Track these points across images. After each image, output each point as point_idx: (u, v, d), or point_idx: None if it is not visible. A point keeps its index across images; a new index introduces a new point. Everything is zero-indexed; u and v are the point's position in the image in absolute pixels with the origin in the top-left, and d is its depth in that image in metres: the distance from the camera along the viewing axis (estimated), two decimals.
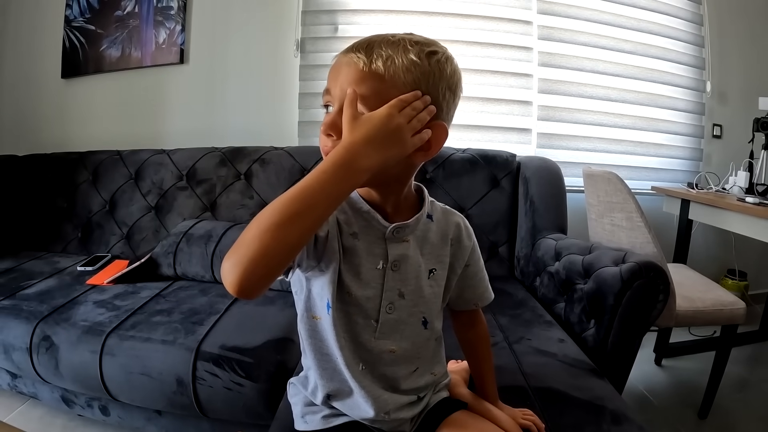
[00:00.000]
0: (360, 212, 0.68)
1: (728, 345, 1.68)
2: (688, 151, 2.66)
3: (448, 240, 0.76)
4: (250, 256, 0.48)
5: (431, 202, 0.75)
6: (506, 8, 2.42)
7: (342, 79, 0.61)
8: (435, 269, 0.74)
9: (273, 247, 0.49)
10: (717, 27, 2.62)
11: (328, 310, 0.66)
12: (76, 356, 1.28)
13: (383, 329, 0.70)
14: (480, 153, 1.98)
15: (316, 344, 0.71)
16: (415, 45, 0.60)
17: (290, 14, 2.37)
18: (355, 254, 0.67)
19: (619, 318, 1.19)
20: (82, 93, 2.53)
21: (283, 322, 1.34)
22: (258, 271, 0.49)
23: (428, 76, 0.60)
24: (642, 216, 1.52)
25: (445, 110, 0.64)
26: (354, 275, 0.67)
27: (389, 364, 0.72)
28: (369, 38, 0.62)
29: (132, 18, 2.43)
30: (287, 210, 0.50)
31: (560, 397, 0.96)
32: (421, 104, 0.59)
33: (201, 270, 1.68)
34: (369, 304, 0.68)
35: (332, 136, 0.61)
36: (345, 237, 0.67)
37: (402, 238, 0.69)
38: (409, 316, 0.72)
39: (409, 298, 0.71)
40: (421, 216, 0.71)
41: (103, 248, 2.07)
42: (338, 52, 0.64)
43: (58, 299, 1.50)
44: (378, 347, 0.70)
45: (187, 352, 1.21)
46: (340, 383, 0.72)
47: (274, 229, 0.49)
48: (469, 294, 0.81)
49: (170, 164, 2.12)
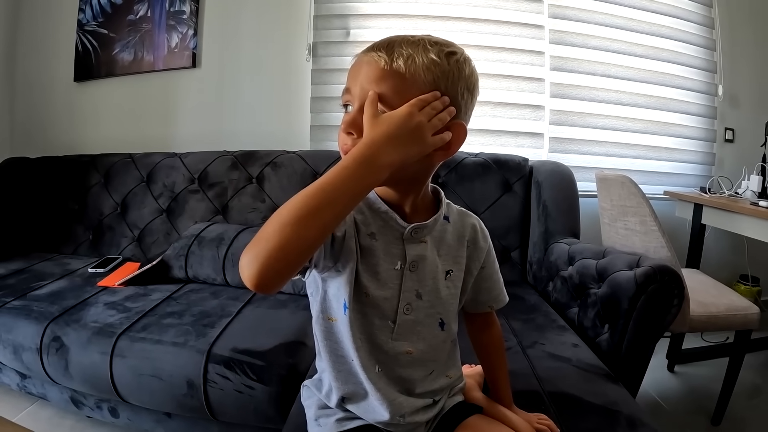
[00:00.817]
0: (378, 212, 0.68)
1: (742, 351, 1.66)
2: (701, 155, 2.64)
3: (465, 242, 0.76)
4: (269, 251, 0.48)
5: (447, 203, 0.75)
6: (518, 12, 2.42)
7: (362, 77, 0.61)
8: (452, 270, 0.74)
9: (292, 242, 0.49)
10: (728, 30, 2.61)
11: (344, 311, 0.66)
12: (87, 357, 1.29)
13: (400, 330, 0.69)
14: (492, 157, 1.98)
15: (331, 346, 0.70)
16: (435, 45, 0.61)
17: (302, 18, 2.39)
18: (373, 254, 0.67)
19: (633, 322, 1.17)
20: (95, 96, 2.55)
21: (294, 325, 1.34)
22: (276, 266, 0.49)
23: (448, 75, 0.61)
24: (656, 220, 1.51)
25: (464, 110, 0.65)
26: (372, 275, 0.67)
27: (405, 365, 0.71)
28: (389, 38, 0.63)
29: (144, 22, 2.45)
30: (307, 205, 0.50)
31: (575, 401, 0.95)
32: (440, 104, 0.59)
33: (212, 273, 1.68)
34: (386, 305, 0.68)
35: (352, 134, 0.61)
36: (362, 237, 0.66)
37: (420, 239, 0.69)
38: (426, 317, 0.71)
39: (427, 299, 0.71)
40: (438, 217, 0.71)
41: (114, 250, 2.08)
42: (356, 53, 0.65)
43: (68, 300, 1.51)
44: (395, 348, 0.70)
45: (198, 354, 1.21)
46: (355, 386, 0.71)
47: (294, 223, 0.49)
48: (484, 296, 0.81)
49: (182, 167, 2.14)
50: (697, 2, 2.61)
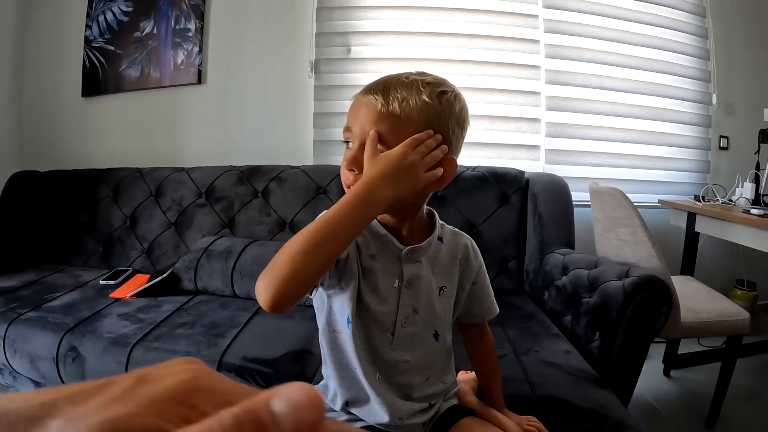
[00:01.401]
0: (378, 236, 0.75)
1: (734, 355, 1.71)
2: (695, 163, 2.69)
3: (457, 260, 0.82)
4: (282, 278, 0.56)
5: (441, 225, 0.81)
6: (513, 28, 2.49)
7: (362, 118, 0.68)
8: (445, 287, 0.80)
9: (302, 270, 0.57)
10: (722, 40, 2.66)
11: (348, 325, 0.73)
12: (103, 366, 1.34)
13: (398, 341, 0.76)
14: (490, 171, 2.04)
15: (336, 356, 0.77)
16: (427, 86, 0.68)
17: (304, 36, 2.46)
18: (374, 273, 0.74)
19: (622, 330, 1.23)
20: (102, 111, 2.62)
21: (301, 334, 1.40)
22: (288, 290, 0.57)
23: (439, 114, 0.68)
24: (646, 231, 1.56)
25: (455, 144, 0.71)
26: (372, 292, 0.74)
27: (403, 373, 0.78)
28: (385, 80, 0.69)
29: (151, 39, 2.52)
30: (314, 238, 0.58)
31: (565, 405, 1.01)
32: (433, 142, 0.66)
33: (221, 285, 1.74)
34: (386, 319, 0.75)
35: (354, 171, 0.68)
36: (364, 258, 0.73)
37: (416, 259, 0.76)
38: (422, 330, 0.78)
39: (422, 313, 0.77)
40: (432, 239, 0.77)
41: (124, 263, 2.14)
42: (355, 94, 0.71)
43: (83, 311, 1.56)
44: (393, 358, 0.76)
45: (211, 363, 1.25)
46: (357, 391, 0.78)
47: (302, 254, 0.57)
48: (477, 309, 0.87)
49: (189, 182, 2.20)
50: (690, 13, 2.67)
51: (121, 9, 2.54)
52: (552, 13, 2.51)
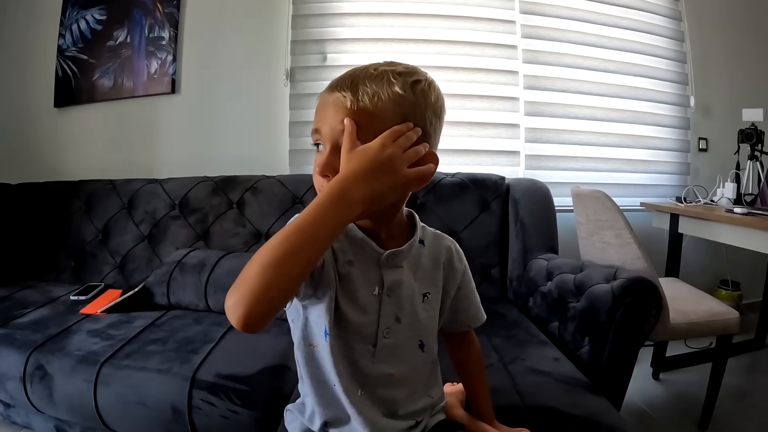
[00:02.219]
0: (354, 240, 0.68)
1: (724, 355, 1.69)
2: (676, 165, 2.71)
3: (440, 264, 0.77)
4: (253, 293, 0.49)
5: (422, 227, 0.76)
6: (491, 33, 2.49)
7: (330, 118, 0.61)
8: (429, 293, 0.75)
9: (275, 283, 0.50)
10: (698, 42, 2.70)
11: (325, 337, 0.66)
12: (71, 385, 1.27)
13: (380, 354, 0.70)
14: (469, 177, 2.00)
15: (313, 372, 0.71)
16: (399, 77, 0.62)
17: (280, 44, 2.42)
18: (351, 281, 0.67)
19: (612, 334, 1.20)
20: (75, 122, 2.54)
21: (278, 349, 1.34)
22: (261, 308, 0.50)
23: (415, 106, 0.62)
24: (631, 232, 1.53)
25: (433, 136, 0.66)
26: (350, 301, 0.67)
27: (387, 387, 0.72)
28: (351, 74, 0.63)
29: (124, 48, 2.46)
30: (286, 245, 0.51)
31: (556, 414, 0.97)
32: (414, 135, 0.60)
33: (195, 299, 1.67)
34: (366, 330, 0.69)
35: (328, 177, 0.61)
36: (341, 265, 0.67)
37: (396, 264, 0.70)
38: (405, 340, 0.72)
39: (405, 322, 0.71)
40: (414, 241, 0.72)
41: (97, 277, 2.06)
42: (320, 92, 0.65)
43: (51, 328, 1.49)
44: (376, 371, 0.70)
45: (183, 380, 1.20)
46: (337, 410, 0.71)
47: (274, 264, 0.50)
48: (462, 316, 0.82)
49: (163, 193, 2.13)
50: (666, 17, 2.70)
51: (95, 17, 2.48)
52: (529, 19, 2.52)
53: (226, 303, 0.51)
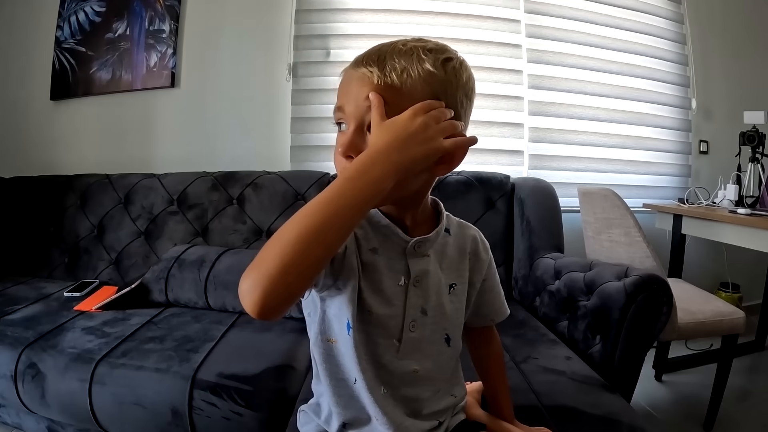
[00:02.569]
0: (378, 227, 0.65)
1: (730, 355, 1.69)
2: (677, 167, 2.71)
3: (466, 254, 0.73)
4: (270, 275, 0.45)
5: (447, 215, 0.72)
6: (496, 32, 2.48)
7: (355, 94, 0.58)
8: (455, 284, 0.71)
9: (295, 264, 0.45)
10: (700, 46, 2.71)
11: (348, 331, 0.62)
12: (64, 385, 1.23)
13: (406, 348, 0.66)
14: (474, 175, 1.98)
15: (331, 369, 0.66)
16: (430, 53, 0.58)
17: (282, 39, 2.39)
18: (376, 270, 0.63)
19: (625, 332, 1.17)
20: (71, 115, 2.50)
21: (281, 348, 1.31)
22: (279, 291, 0.45)
23: (446, 85, 0.58)
24: (640, 231, 1.52)
25: (464, 118, 0.62)
26: (374, 292, 0.63)
27: (412, 385, 0.68)
28: (379, 48, 0.60)
29: (123, 41, 2.42)
30: (309, 223, 0.47)
31: (574, 414, 0.95)
32: (447, 113, 0.57)
33: (194, 296, 1.63)
34: (391, 323, 0.65)
35: (351, 157, 0.57)
36: (364, 253, 0.63)
37: (423, 253, 0.67)
38: (431, 334, 0.69)
39: (432, 315, 0.68)
40: (440, 229, 0.68)
41: (91, 274, 2.01)
42: (345, 68, 0.61)
43: (44, 325, 1.44)
44: (401, 368, 0.66)
45: (183, 380, 1.16)
46: (357, 411, 0.67)
47: (295, 243, 0.46)
48: (486, 309, 0.79)
49: (161, 188, 2.09)
50: (669, 19, 2.71)
51: (94, 9, 2.44)
52: (534, 18, 2.51)
53: (240, 287, 0.46)
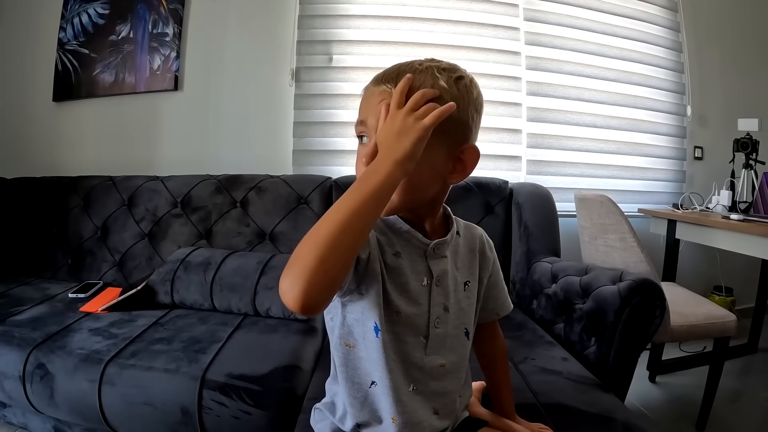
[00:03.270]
0: (400, 233, 0.70)
1: (722, 357, 1.73)
2: (672, 173, 2.75)
3: (476, 253, 0.79)
4: (309, 268, 0.49)
5: (455, 219, 0.78)
6: (495, 39, 2.51)
7: (375, 109, 0.63)
8: (469, 281, 0.77)
9: (331, 253, 0.50)
10: (696, 53, 2.75)
11: (377, 334, 0.66)
12: (74, 385, 1.25)
13: (432, 344, 0.71)
14: (473, 180, 2.01)
15: (348, 372, 0.71)
16: (443, 72, 0.64)
17: (285, 44, 2.41)
18: (401, 273, 0.68)
19: (619, 334, 1.22)
20: (74, 117, 2.51)
21: (287, 349, 1.34)
22: (319, 281, 0.49)
23: (458, 100, 0.63)
24: (635, 236, 1.56)
25: (474, 131, 0.68)
26: (401, 293, 0.68)
27: (439, 379, 0.73)
28: (397, 68, 0.66)
29: (127, 43, 2.44)
30: (338, 217, 0.52)
31: (571, 411, 0.99)
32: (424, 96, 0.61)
33: (200, 298, 1.65)
34: (418, 321, 0.70)
35: None
36: (388, 257, 0.68)
37: (441, 254, 0.72)
38: (453, 329, 0.74)
39: (453, 311, 0.73)
40: (453, 232, 0.74)
41: (95, 275, 2.03)
42: (367, 84, 0.68)
43: (51, 326, 1.45)
44: (429, 363, 0.71)
45: (192, 380, 1.19)
46: (370, 413, 0.71)
47: (327, 236, 0.51)
48: (492, 304, 0.84)
49: (164, 191, 2.11)
50: (665, 27, 2.75)
51: (97, 11, 2.45)
52: (533, 26, 2.55)
53: (280, 286, 0.50)
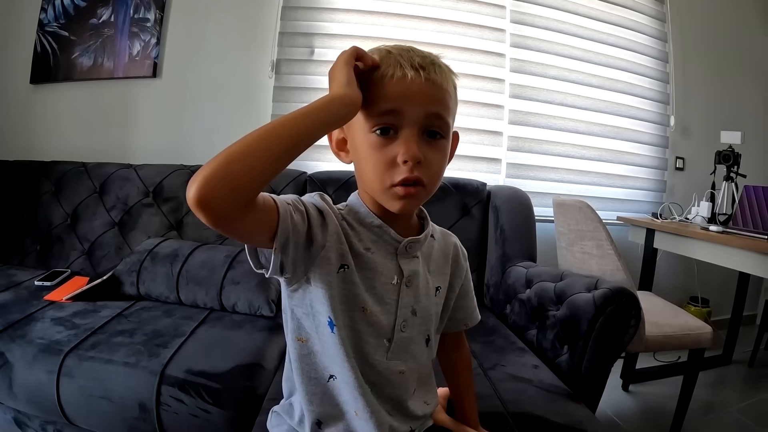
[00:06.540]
0: (371, 227, 0.67)
1: (696, 369, 1.73)
2: (653, 182, 2.76)
3: (449, 259, 0.77)
4: (215, 162, 0.46)
5: (432, 223, 0.75)
6: (480, 40, 2.49)
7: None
8: (440, 287, 0.75)
9: (238, 153, 0.48)
10: (681, 64, 2.77)
11: (332, 329, 0.62)
12: (32, 376, 1.20)
13: (395, 349, 0.68)
14: (451, 181, 1.99)
15: (303, 368, 0.67)
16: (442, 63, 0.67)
17: (267, 35, 2.37)
18: (371, 268, 0.65)
19: (592, 343, 1.20)
20: (51, 100, 2.44)
21: (251, 346, 1.30)
22: (220, 173, 0.46)
23: (455, 87, 0.67)
24: (612, 244, 1.55)
25: (454, 118, 0.68)
26: (368, 289, 0.65)
27: (396, 386, 0.69)
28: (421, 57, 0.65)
29: (107, 27, 2.38)
30: (268, 127, 0.51)
31: (539, 422, 0.96)
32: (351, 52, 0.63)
33: (166, 290, 1.61)
34: (384, 321, 0.66)
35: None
36: (358, 250, 0.65)
37: (413, 254, 0.69)
38: (417, 335, 0.71)
39: (420, 316, 0.70)
40: (428, 233, 0.71)
41: (63, 263, 1.98)
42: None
43: (14, 314, 1.41)
44: (389, 369, 0.67)
45: (151, 375, 1.14)
46: (331, 407, 0.67)
47: (245, 141, 0.49)
48: (461, 314, 0.82)
49: (137, 179, 2.06)
50: (652, 37, 2.76)
51: None
52: (519, 29, 2.54)
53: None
